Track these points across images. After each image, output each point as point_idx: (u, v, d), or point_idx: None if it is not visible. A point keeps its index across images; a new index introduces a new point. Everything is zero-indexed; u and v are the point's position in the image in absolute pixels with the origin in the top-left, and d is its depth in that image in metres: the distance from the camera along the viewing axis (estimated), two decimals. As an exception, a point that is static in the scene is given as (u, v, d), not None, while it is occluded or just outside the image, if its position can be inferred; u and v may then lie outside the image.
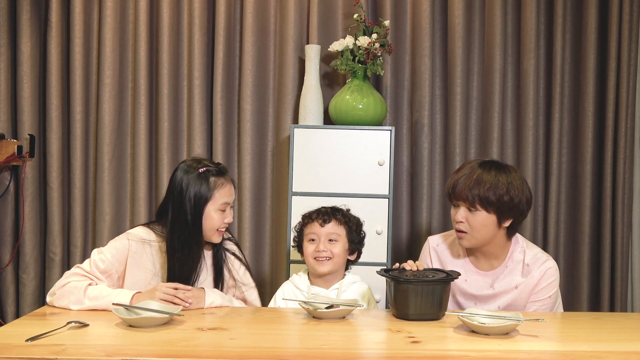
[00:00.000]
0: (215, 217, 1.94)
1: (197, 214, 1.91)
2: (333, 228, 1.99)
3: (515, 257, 2.00)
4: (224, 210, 1.96)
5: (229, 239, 2.11)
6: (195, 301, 1.84)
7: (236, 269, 2.06)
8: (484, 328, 1.58)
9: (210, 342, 1.48)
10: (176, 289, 1.81)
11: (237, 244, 2.14)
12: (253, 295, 2.08)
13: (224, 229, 1.99)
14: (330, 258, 1.97)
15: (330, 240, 1.98)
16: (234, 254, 2.08)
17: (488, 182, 1.89)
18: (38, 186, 2.98)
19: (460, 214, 1.93)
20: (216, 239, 1.98)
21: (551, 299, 1.98)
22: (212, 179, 1.93)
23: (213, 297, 1.89)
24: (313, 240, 1.98)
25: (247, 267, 2.11)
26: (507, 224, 1.94)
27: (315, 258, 1.97)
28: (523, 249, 2.02)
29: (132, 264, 1.94)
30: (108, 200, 2.93)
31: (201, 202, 1.91)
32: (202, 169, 1.93)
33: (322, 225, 1.98)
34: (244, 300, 2.05)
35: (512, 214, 1.92)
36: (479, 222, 1.91)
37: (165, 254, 1.95)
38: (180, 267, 1.92)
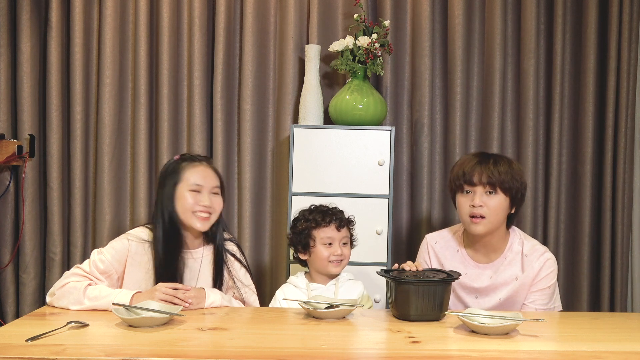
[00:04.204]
0: (187, 197, 1.92)
1: (171, 198, 1.93)
2: (345, 232, 2.03)
3: (514, 249, 2.04)
4: (198, 192, 1.93)
5: (229, 240, 2.10)
6: (196, 301, 1.83)
7: (236, 270, 2.05)
8: (484, 328, 1.58)
9: (210, 342, 1.48)
10: (176, 289, 1.81)
11: (238, 245, 2.13)
12: (252, 298, 2.08)
13: (204, 215, 1.93)
14: (342, 260, 2.01)
15: (343, 243, 2.02)
16: (234, 256, 2.07)
17: (506, 165, 1.96)
18: (38, 186, 2.97)
19: (479, 197, 1.95)
20: (197, 224, 1.92)
21: (550, 288, 2.01)
22: (183, 163, 1.97)
23: (213, 297, 1.89)
24: (330, 244, 2.00)
25: (248, 269, 2.10)
26: (512, 210, 2.01)
27: (331, 261, 1.99)
28: (521, 240, 2.06)
29: (132, 265, 1.94)
30: (108, 200, 2.93)
31: (172, 184, 1.94)
32: (176, 157, 2.01)
33: (338, 230, 2.00)
34: (243, 302, 2.05)
35: (519, 201, 2.00)
36: (497, 204, 1.95)
37: None
38: (165, 265, 1.91)
